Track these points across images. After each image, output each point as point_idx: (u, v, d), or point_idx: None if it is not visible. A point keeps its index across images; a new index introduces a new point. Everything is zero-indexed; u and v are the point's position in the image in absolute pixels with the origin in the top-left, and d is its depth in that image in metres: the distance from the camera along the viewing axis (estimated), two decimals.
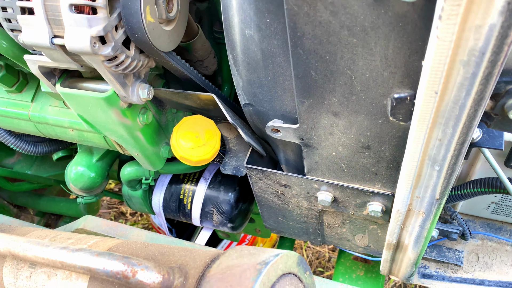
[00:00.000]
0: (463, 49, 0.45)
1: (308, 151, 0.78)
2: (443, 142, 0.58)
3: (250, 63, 0.69)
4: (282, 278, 0.53)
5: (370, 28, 0.52)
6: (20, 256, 0.67)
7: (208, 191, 1.13)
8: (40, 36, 0.67)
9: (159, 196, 1.15)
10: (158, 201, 1.15)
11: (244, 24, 0.63)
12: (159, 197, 1.15)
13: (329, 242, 1.09)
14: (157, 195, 1.15)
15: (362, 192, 0.82)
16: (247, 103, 0.77)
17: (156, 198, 1.15)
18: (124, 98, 0.77)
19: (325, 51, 0.56)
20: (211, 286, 0.51)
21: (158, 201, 1.15)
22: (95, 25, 0.63)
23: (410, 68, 0.55)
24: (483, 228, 1.04)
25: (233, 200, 1.13)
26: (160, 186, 1.16)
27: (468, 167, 0.96)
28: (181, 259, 0.59)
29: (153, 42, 0.68)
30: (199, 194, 1.13)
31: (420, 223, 0.77)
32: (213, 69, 1.01)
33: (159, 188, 1.15)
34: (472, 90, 0.49)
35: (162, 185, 1.15)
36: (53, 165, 1.75)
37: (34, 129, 1.05)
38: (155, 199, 1.16)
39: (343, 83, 0.60)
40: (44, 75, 0.79)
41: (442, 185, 0.66)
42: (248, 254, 0.54)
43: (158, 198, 1.15)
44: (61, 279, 0.69)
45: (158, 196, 1.15)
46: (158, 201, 1.15)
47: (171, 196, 1.15)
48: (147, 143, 0.90)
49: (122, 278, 0.53)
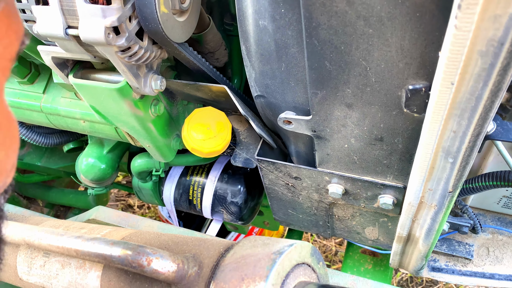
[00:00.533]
0: (482, 39, 0.44)
1: (320, 143, 0.77)
2: (458, 134, 0.58)
3: (263, 54, 0.68)
4: (296, 268, 0.53)
5: (387, 19, 0.51)
6: (34, 245, 0.68)
7: (218, 183, 1.14)
8: (54, 27, 0.67)
9: (170, 188, 1.15)
10: (169, 193, 1.16)
11: (258, 14, 0.63)
12: (170, 189, 1.15)
13: (338, 235, 1.10)
14: (168, 187, 1.16)
15: (374, 185, 0.82)
16: (259, 94, 0.77)
17: (167, 190, 1.16)
18: (137, 89, 0.78)
19: (340, 41, 0.56)
20: (226, 275, 0.51)
21: (169, 193, 1.15)
22: (109, 15, 0.63)
23: (426, 59, 0.54)
24: (493, 222, 1.04)
25: (243, 193, 1.14)
26: (171, 178, 1.16)
27: (480, 160, 0.96)
28: (195, 249, 0.59)
29: (167, 33, 0.68)
30: (209, 187, 1.14)
31: (431, 215, 0.76)
32: (224, 61, 1.01)
33: (171, 180, 1.16)
34: (490, 81, 0.49)
35: (173, 177, 1.16)
36: (63, 157, 1.76)
37: (45, 120, 1.06)
38: (166, 191, 1.16)
39: (358, 74, 0.60)
40: (57, 66, 0.79)
41: (456, 177, 0.66)
42: (262, 244, 0.54)
43: (169, 190, 1.16)
44: (75, 268, 0.70)
45: (169, 188, 1.16)
46: (169, 193, 1.15)
47: (182, 189, 1.16)
48: (159, 135, 0.91)
49: (137, 267, 0.54)
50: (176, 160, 1.09)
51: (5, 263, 0.83)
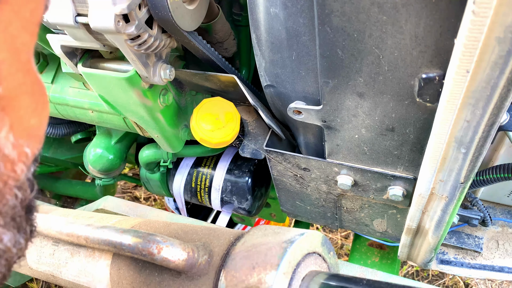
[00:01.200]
0: (500, 25, 0.44)
1: (330, 133, 0.77)
2: (471, 124, 0.57)
3: (274, 43, 0.68)
4: (307, 257, 0.53)
5: (401, 5, 0.50)
6: (44, 233, 0.68)
7: (226, 175, 1.13)
8: (64, 15, 0.67)
9: (181, 180, 1.15)
10: (179, 184, 1.15)
11: (269, 1, 0.62)
12: (180, 180, 1.15)
13: (346, 227, 1.09)
14: (178, 179, 1.16)
15: (384, 176, 0.82)
16: (269, 84, 0.77)
17: (177, 182, 1.16)
18: (146, 78, 0.77)
19: (353, 29, 0.55)
20: (236, 263, 0.51)
21: (180, 184, 1.15)
22: (119, 3, 0.63)
23: (440, 46, 0.53)
24: (503, 215, 1.03)
25: (250, 185, 1.13)
26: (182, 170, 1.16)
27: (492, 152, 0.95)
28: (205, 238, 0.59)
29: (176, 21, 0.68)
30: (217, 178, 1.14)
31: (442, 207, 0.76)
32: (233, 51, 1.00)
33: (181, 172, 1.16)
34: (507, 69, 0.48)
35: (184, 168, 1.16)
36: (70, 148, 1.76)
37: (54, 111, 1.06)
38: (176, 182, 1.16)
39: (370, 62, 0.59)
40: (66, 55, 0.79)
41: (468, 168, 0.65)
42: (273, 233, 0.54)
43: (179, 182, 1.16)
44: (84, 257, 0.70)
45: (179, 179, 1.16)
46: (180, 185, 1.15)
47: (190, 180, 1.16)
48: (167, 125, 0.90)
49: (147, 255, 0.54)
50: (184, 151, 1.08)
51: None
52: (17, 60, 0.32)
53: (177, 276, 0.56)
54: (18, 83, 0.32)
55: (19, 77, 0.32)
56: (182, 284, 0.55)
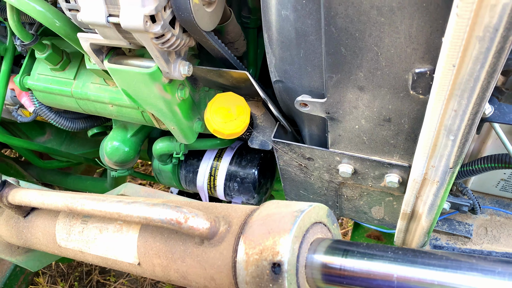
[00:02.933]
0: (479, 26, 0.52)
1: (332, 124, 0.85)
2: (458, 113, 0.65)
3: (284, 42, 0.76)
4: (314, 225, 0.61)
5: (397, 8, 0.59)
6: (77, 211, 0.76)
7: (231, 166, 1.21)
8: (97, 15, 0.75)
9: (204, 172, 1.24)
10: (203, 177, 1.24)
11: (281, 5, 0.70)
12: (204, 171, 1.24)
13: (346, 215, 1.17)
14: (202, 171, 1.24)
15: (381, 164, 0.90)
16: (278, 79, 0.85)
17: (201, 174, 1.24)
18: (167, 74, 0.85)
19: (355, 29, 0.64)
20: (254, 230, 0.59)
21: (203, 177, 1.24)
22: (147, 5, 0.71)
23: (431, 44, 0.62)
24: (492, 204, 1.11)
25: (255, 176, 1.21)
26: (204, 164, 1.24)
27: (480, 144, 1.03)
28: (224, 211, 0.67)
29: (197, 22, 0.76)
30: (222, 171, 1.22)
31: (434, 191, 0.84)
32: (242, 51, 1.08)
33: (203, 167, 1.24)
34: (486, 63, 0.56)
35: (209, 159, 1.24)
36: (81, 144, 1.85)
37: (75, 105, 1.14)
38: (201, 174, 1.24)
39: (370, 58, 0.67)
40: (94, 52, 0.87)
41: (456, 154, 0.73)
42: (285, 205, 0.62)
43: (203, 173, 1.24)
44: (112, 232, 0.78)
45: (203, 170, 1.24)
46: (203, 177, 1.23)
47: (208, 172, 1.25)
48: (183, 117, 0.99)
49: (176, 224, 0.61)
50: (195, 144, 1.16)
51: (44, 232, 0.91)
52: None
53: (200, 244, 0.64)
54: None
55: None
56: (204, 250, 0.63)
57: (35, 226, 0.92)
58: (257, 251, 0.56)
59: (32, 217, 0.94)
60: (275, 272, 0.54)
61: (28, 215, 0.95)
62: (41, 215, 0.92)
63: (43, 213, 0.92)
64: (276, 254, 0.55)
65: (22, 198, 0.86)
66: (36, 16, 0.87)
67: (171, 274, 0.69)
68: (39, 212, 0.93)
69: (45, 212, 0.92)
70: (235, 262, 0.59)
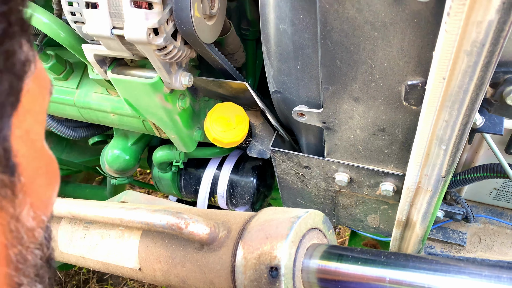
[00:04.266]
0: (467, 41, 0.55)
1: (329, 134, 0.87)
2: (449, 123, 0.68)
3: (282, 54, 0.79)
4: (311, 231, 0.63)
5: (390, 24, 0.62)
6: (80, 217, 0.78)
7: (231, 175, 1.24)
8: (102, 27, 0.77)
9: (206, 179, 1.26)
10: (205, 186, 1.26)
11: (279, 19, 0.73)
12: (205, 179, 1.26)
13: (343, 223, 1.19)
14: (204, 179, 1.27)
15: (376, 173, 0.92)
16: (276, 90, 0.88)
17: (202, 183, 1.27)
18: (168, 84, 0.88)
19: (350, 43, 0.66)
20: (252, 235, 0.61)
21: (204, 185, 1.26)
22: (151, 18, 0.74)
23: (422, 58, 0.64)
24: (485, 213, 1.13)
25: (255, 185, 1.24)
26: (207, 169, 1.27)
27: (472, 154, 1.05)
28: (223, 218, 0.69)
29: (198, 35, 0.79)
30: (223, 180, 1.24)
31: (427, 199, 0.86)
32: (242, 62, 1.11)
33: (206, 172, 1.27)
34: (474, 76, 0.59)
35: (209, 168, 1.27)
36: (81, 152, 1.87)
37: (77, 114, 1.16)
38: (202, 182, 1.27)
39: (364, 71, 0.70)
40: (97, 62, 0.90)
41: (448, 163, 0.76)
42: (282, 212, 0.64)
43: (204, 182, 1.26)
44: (114, 238, 0.80)
45: (205, 179, 1.27)
46: (205, 186, 1.26)
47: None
48: (183, 126, 1.01)
49: (177, 229, 0.64)
50: (194, 152, 1.19)
51: None
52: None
53: (199, 249, 0.66)
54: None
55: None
56: (204, 255, 0.65)
57: None
58: (255, 255, 0.59)
59: None
60: (272, 275, 0.56)
61: None
62: None
63: None
64: (273, 258, 0.57)
65: None
66: (42, 27, 0.90)
67: (171, 278, 0.71)
68: None
69: None
70: (234, 266, 0.61)
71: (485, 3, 0.50)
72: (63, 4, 0.80)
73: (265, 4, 0.74)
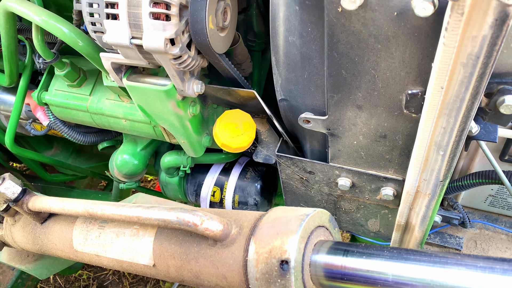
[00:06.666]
0: (463, 54, 0.60)
1: (333, 140, 0.92)
2: (447, 130, 0.73)
3: (290, 64, 0.84)
4: (318, 228, 0.67)
5: (392, 37, 0.67)
6: (97, 215, 0.82)
7: (238, 181, 1.28)
8: (122, 37, 0.82)
9: (209, 187, 1.31)
10: (206, 191, 1.30)
11: (288, 32, 0.78)
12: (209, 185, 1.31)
13: (344, 228, 1.23)
14: (207, 184, 1.31)
15: (377, 178, 0.97)
16: (283, 98, 0.93)
17: (206, 187, 1.31)
18: (181, 91, 0.93)
19: (355, 54, 0.71)
20: (263, 232, 0.66)
21: (207, 191, 1.30)
22: (168, 29, 0.79)
23: (422, 69, 0.70)
24: (481, 219, 1.18)
25: (259, 190, 1.28)
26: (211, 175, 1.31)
27: (469, 162, 1.10)
28: (235, 216, 0.73)
29: (212, 45, 0.84)
30: (231, 186, 1.29)
31: (426, 203, 0.91)
32: (249, 72, 1.16)
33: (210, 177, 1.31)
34: (470, 86, 0.64)
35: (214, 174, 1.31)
36: (87, 159, 1.91)
37: (89, 120, 1.21)
38: (205, 187, 1.31)
39: (368, 80, 0.75)
40: (114, 70, 0.94)
41: (446, 168, 0.80)
42: (291, 210, 0.68)
43: (207, 187, 1.30)
44: (129, 236, 0.84)
45: (208, 184, 1.31)
46: (207, 191, 1.30)
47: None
48: (193, 132, 1.06)
49: (192, 226, 0.68)
50: (202, 158, 1.23)
51: (61, 237, 0.96)
52: None
53: (213, 245, 0.70)
54: None
55: None
56: (217, 251, 0.69)
57: (52, 232, 0.98)
58: (267, 250, 0.63)
59: (49, 223, 0.99)
60: (283, 268, 0.61)
61: (45, 221, 1.00)
62: (59, 221, 0.98)
63: (60, 220, 0.98)
64: (284, 252, 0.61)
65: (42, 205, 0.93)
66: (61, 36, 0.95)
67: (184, 274, 0.75)
68: (56, 219, 0.99)
69: (63, 219, 0.97)
70: (246, 260, 0.65)
71: (480, 20, 0.55)
72: (84, 15, 0.85)
73: (276, 17, 0.79)
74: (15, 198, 0.95)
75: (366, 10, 0.65)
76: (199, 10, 0.79)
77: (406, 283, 0.55)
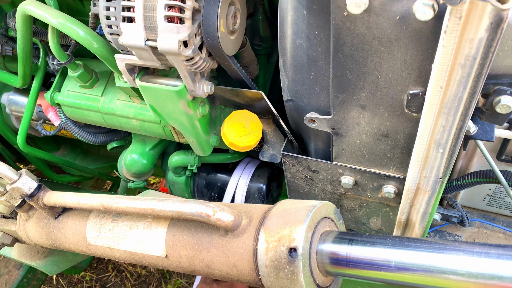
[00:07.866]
0: (461, 55, 0.64)
1: (337, 139, 0.96)
2: (446, 128, 0.77)
3: (297, 66, 0.88)
4: (324, 219, 0.71)
5: (394, 40, 0.71)
6: (112, 209, 0.86)
7: (248, 183, 1.32)
8: (137, 39, 0.87)
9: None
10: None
11: (296, 35, 0.83)
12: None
13: (346, 226, 1.27)
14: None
15: (379, 176, 1.01)
16: (289, 99, 0.97)
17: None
18: (192, 92, 0.97)
19: (359, 56, 0.76)
20: (272, 222, 0.69)
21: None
22: (182, 32, 0.83)
23: (422, 70, 0.74)
24: (479, 218, 1.22)
25: (264, 190, 1.32)
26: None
27: (467, 161, 1.14)
28: (245, 208, 0.77)
29: (223, 48, 0.88)
30: (241, 185, 1.33)
31: (426, 200, 0.94)
32: (255, 74, 1.21)
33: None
34: (468, 86, 0.68)
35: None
36: (94, 160, 1.95)
37: (100, 120, 1.25)
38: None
39: (371, 81, 0.79)
40: (127, 71, 0.99)
41: (445, 165, 0.84)
42: (299, 202, 0.72)
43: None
44: (142, 229, 0.87)
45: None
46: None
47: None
48: (202, 131, 1.10)
49: (205, 216, 0.72)
50: (208, 157, 1.27)
51: (74, 231, 1.00)
52: None
53: (224, 235, 0.74)
54: None
55: None
56: (228, 241, 0.73)
57: (65, 226, 1.02)
58: (276, 238, 0.67)
59: (63, 218, 1.03)
60: (291, 256, 0.64)
61: (59, 216, 1.04)
62: (72, 216, 1.01)
63: (74, 214, 1.01)
64: (292, 240, 0.65)
65: (57, 199, 0.96)
66: (77, 38, 0.99)
67: (196, 264, 0.78)
68: (70, 214, 1.03)
69: (76, 213, 1.01)
70: (256, 249, 0.69)
71: (476, 23, 0.59)
72: (101, 18, 0.90)
73: (284, 21, 0.83)
74: (31, 193, 0.99)
75: (371, 14, 0.69)
76: (211, 14, 0.84)
77: (407, 268, 0.59)
